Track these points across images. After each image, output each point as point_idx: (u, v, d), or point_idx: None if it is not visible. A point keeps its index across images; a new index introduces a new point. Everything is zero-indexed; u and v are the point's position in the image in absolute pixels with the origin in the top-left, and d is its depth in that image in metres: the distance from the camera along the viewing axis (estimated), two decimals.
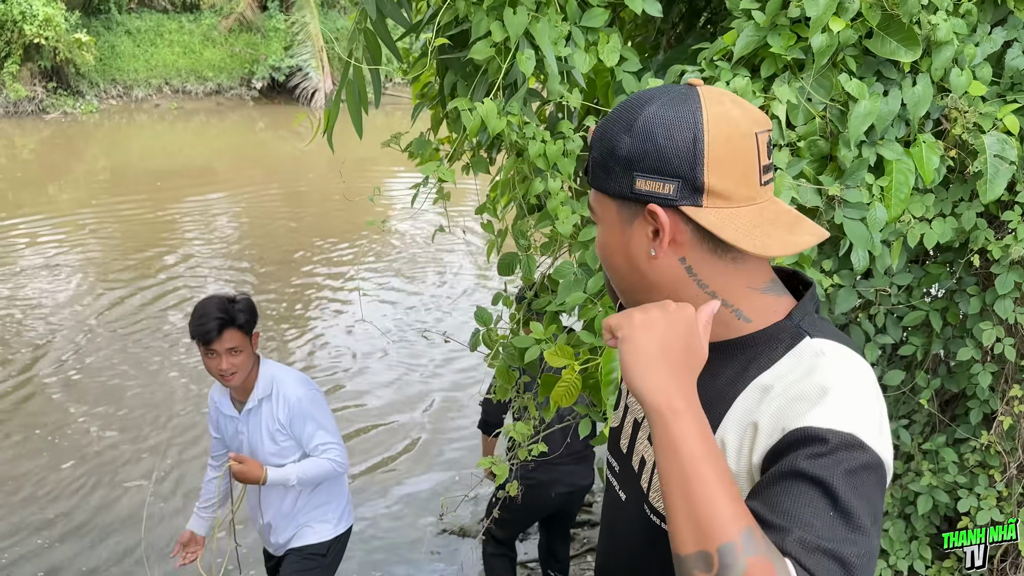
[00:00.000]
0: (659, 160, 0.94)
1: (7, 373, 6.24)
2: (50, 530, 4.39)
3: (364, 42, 2.34)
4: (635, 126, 0.95)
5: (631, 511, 1.11)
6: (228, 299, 2.68)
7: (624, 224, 1.00)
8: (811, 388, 0.92)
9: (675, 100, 0.96)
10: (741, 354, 1.00)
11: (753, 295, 1.01)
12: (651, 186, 0.95)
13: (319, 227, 10.64)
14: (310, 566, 2.88)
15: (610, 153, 0.98)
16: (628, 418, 1.19)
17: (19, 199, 11.93)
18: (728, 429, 0.97)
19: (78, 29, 18.43)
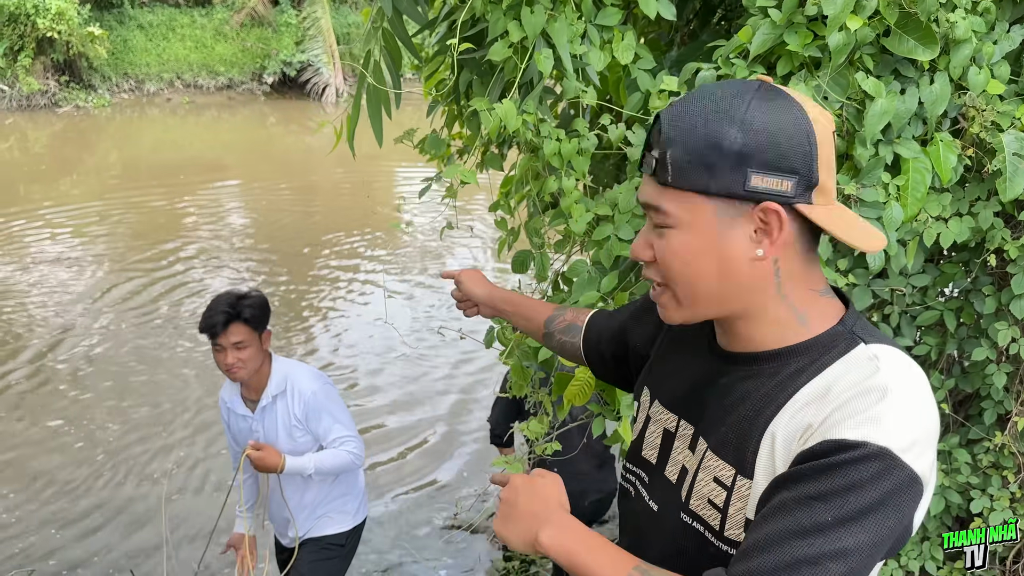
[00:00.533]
0: (779, 155, 0.90)
1: (24, 364, 6.29)
2: (77, 523, 4.42)
3: (382, 41, 2.33)
4: (752, 122, 0.90)
5: (668, 520, 1.10)
6: (238, 295, 2.70)
7: (723, 225, 0.94)
8: (864, 397, 0.89)
9: (770, 94, 0.93)
10: (797, 359, 0.98)
11: (814, 297, 1.00)
12: (769, 183, 0.91)
13: (330, 220, 10.69)
14: (329, 555, 2.93)
15: (713, 147, 0.91)
16: (653, 428, 1.17)
17: (31, 192, 12.02)
18: (778, 427, 0.95)
19: (91, 23, 18.50)
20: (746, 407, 1.00)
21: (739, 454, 0.99)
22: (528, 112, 2.10)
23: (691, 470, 1.08)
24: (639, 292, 2.10)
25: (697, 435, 1.08)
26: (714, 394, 1.07)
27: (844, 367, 0.94)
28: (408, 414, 5.72)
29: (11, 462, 5.01)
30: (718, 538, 1.03)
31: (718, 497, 1.02)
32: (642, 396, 1.23)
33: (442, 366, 6.38)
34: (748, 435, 0.98)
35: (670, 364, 1.20)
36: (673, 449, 1.13)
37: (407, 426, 5.55)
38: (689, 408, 1.11)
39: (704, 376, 1.09)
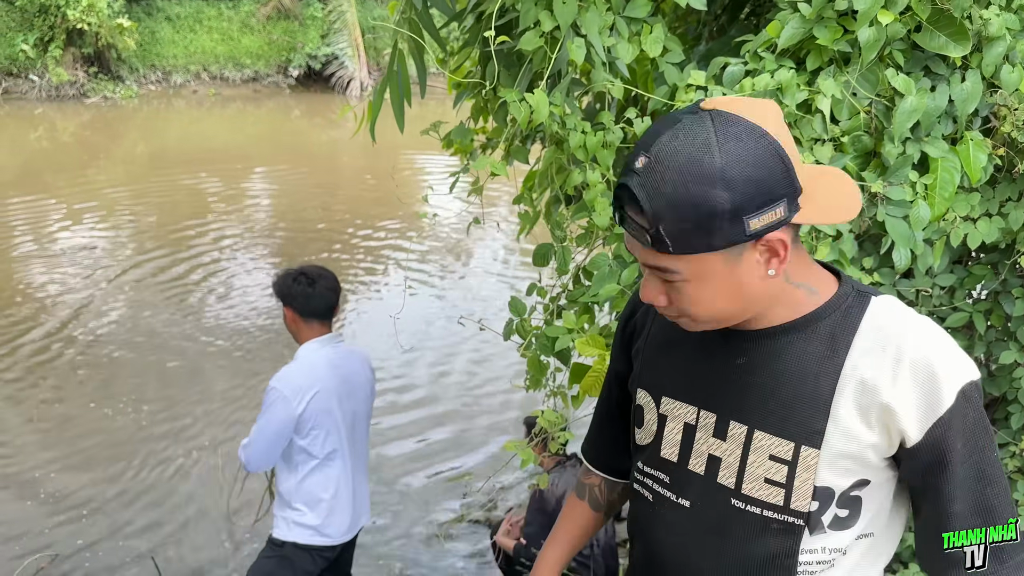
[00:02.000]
0: (764, 193, 0.93)
1: (51, 346, 6.38)
2: (99, 507, 4.48)
3: (409, 32, 2.34)
4: (729, 178, 0.91)
5: (711, 512, 1.12)
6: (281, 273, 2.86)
7: (732, 264, 0.97)
8: (928, 357, 1.00)
9: (729, 134, 0.92)
10: (820, 325, 1.05)
11: (813, 268, 1.08)
12: (766, 219, 0.94)
13: (353, 211, 10.75)
14: (267, 553, 2.93)
15: (707, 214, 0.92)
16: (671, 425, 1.17)
17: (58, 180, 12.16)
18: (846, 390, 1.02)
19: (120, 15, 18.70)
20: (794, 380, 1.04)
21: (799, 427, 1.04)
22: (555, 104, 2.10)
23: (729, 457, 1.10)
24: None
25: (725, 420, 1.10)
26: (737, 375, 1.09)
27: (879, 321, 1.03)
28: (423, 405, 5.73)
29: (31, 445, 5.08)
30: (783, 512, 1.06)
31: (778, 473, 1.05)
32: (639, 399, 1.23)
33: (458, 357, 6.40)
34: (806, 405, 1.03)
35: (668, 359, 1.19)
36: (696, 441, 1.13)
37: (422, 416, 5.57)
38: (705, 395, 1.12)
39: (718, 360, 1.11)
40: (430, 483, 4.84)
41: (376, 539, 4.24)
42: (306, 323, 2.79)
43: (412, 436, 5.34)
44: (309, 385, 2.70)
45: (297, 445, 2.77)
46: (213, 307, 7.48)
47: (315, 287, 2.75)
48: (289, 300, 2.77)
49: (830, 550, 1.07)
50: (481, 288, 8.12)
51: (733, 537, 1.09)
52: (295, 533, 2.84)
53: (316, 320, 2.79)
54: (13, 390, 5.80)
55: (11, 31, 18.19)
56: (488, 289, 8.05)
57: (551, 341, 2.21)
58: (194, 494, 4.61)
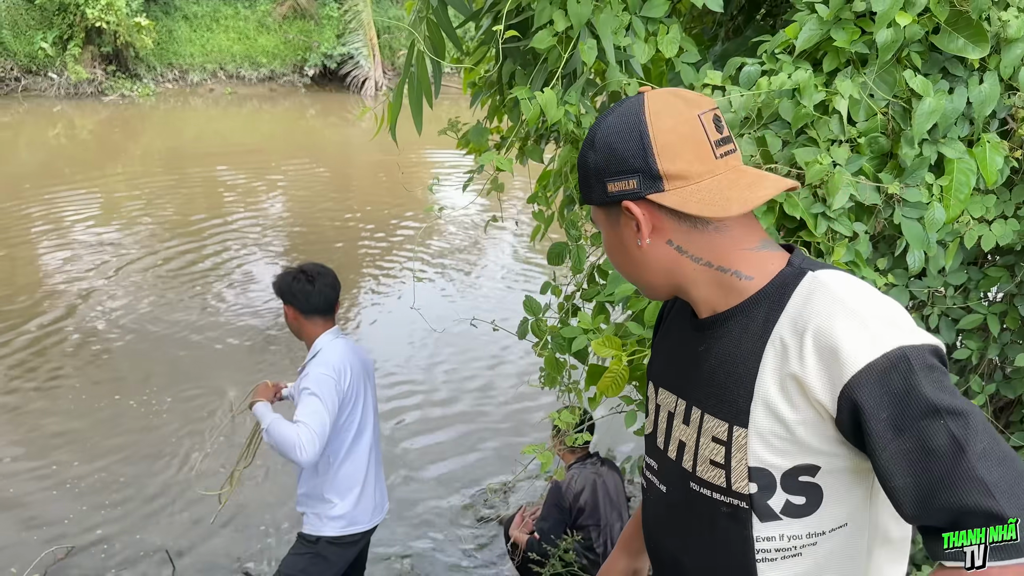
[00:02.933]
0: (618, 162, 1.07)
1: (68, 336, 6.44)
2: (114, 502, 4.53)
3: (426, 32, 2.35)
4: (596, 141, 1.09)
5: (678, 497, 1.18)
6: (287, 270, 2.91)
7: (613, 225, 1.13)
8: (835, 326, 0.98)
9: (625, 108, 1.08)
10: (756, 309, 1.08)
11: (747, 255, 1.09)
12: (619, 186, 1.07)
13: (364, 209, 10.81)
14: (299, 550, 2.95)
15: (585, 170, 1.11)
16: (661, 415, 1.24)
17: (76, 176, 12.28)
18: (766, 368, 1.04)
19: (138, 13, 18.86)
20: (729, 363, 1.09)
21: (731, 407, 1.08)
22: (570, 103, 2.11)
23: (689, 441, 1.15)
24: None
25: (690, 407, 1.16)
26: (696, 363, 1.15)
27: (801, 297, 1.04)
28: (435, 402, 5.76)
29: (49, 437, 5.13)
30: (727, 494, 1.09)
31: (718, 455, 1.10)
32: (649, 389, 1.31)
33: (472, 355, 6.41)
34: (737, 385, 1.07)
35: (664, 350, 1.29)
36: (673, 428, 1.20)
37: (436, 413, 5.59)
38: (680, 383, 1.20)
39: (687, 350, 1.18)
40: (441, 481, 4.86)
41: (386, 535, 4.26)
42: (308, 320, 2.85)
43: (424, 433, 5.36)
44: (345, 368, 2.78)
45: (334, 430, 2.81)
46: (229, 301, 7.56)
47: (315, 285, 2.81)
48: (289, 298, 2.83)
49: (789, 537, 1.07)
50: (494, 287, 8.14)
51: (696, 521, 1.14)
52: (328, 527, 2.89)
53: (318, 316, 2.85)
54: (30, 380, 5.87)
55: (31, 29, 18.37)
56: (501, 288, 8.07)
57: (567, 341, 2.22)
58: (210, 487, 4.65)
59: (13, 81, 18.32)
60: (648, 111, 1.05)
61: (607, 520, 3.36)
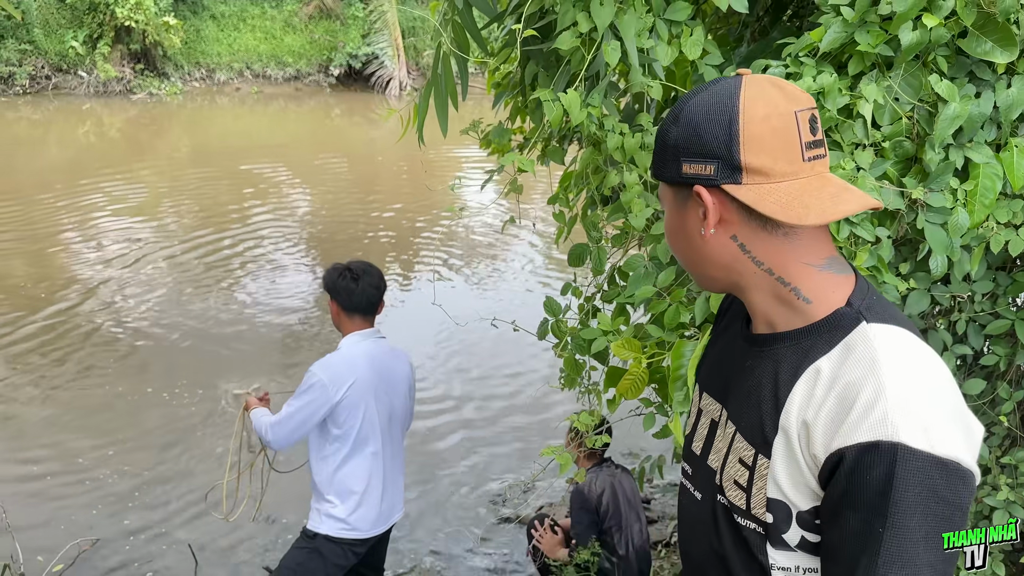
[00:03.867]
0: (700, 144, 1.01)
1: (97, 329, 6.54)
2: (137, 495, 4.59)
3: (451, 33, 2.37)
4: (681, 116, 1.03)
5: (708, 507, 1.15)
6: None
7: (679, 207, 1.08)
8: (860, 390, 0.93)
9: (719, 88, 1.02)
10: (805, 341, 1.03)
11: (810, 272, 1.04)
12: (695, 169, 1.02)
13: (387, 208, 10.88)
14: (299, 544, 2.98)
15: (663, 144, 1.06)
16: (703, 420, 1.21)
17: (103, 172, 12.46)
18: (791, 413, 1.00)
19: (166, 13, 19.07)
20: (765, 389, 1.05)
21: (759, 434, 1.05)
22: (593, 105, 2.11)
23: (724, 453, 1.13)
24: (695, 289, 2.09)
25: (728, 419, 1.13)
26: (740, 377, 1.12)
27: (847, 348, 0.98)
28: (456, 403, 5.77)
29: (77, 429, 5.21)
30: (744, 516, 1.07)
31: (742, 477, 1.07)
32: (695, 391, 1.29)
33: (495, 356, 6.42)
34: (768, 413, 1.04)
35: (714, 354, 1.26)
36: (716, 438, 1.17)
37: (455, 415, 5.61)
38: (725, 394, 1.16)
39: (735, 361, 1.15)
40: (462, 480, 4.87)
41: (407, 533, 4.28)
42: (348, 317, 2.89)
43: (446, 433, 5.38)
44: (348, 375, 2.77)
45: (332, 435, 2.83)
46: (255, 296, 7.67)
47: (359, 283, 2.84)
48: (334, 294, 2.87)
49: (805, 569, 1.04)
50: (515, 287, 8.15)
51: (719, 533, 1.12)
52: (326, 525, 2.90)
53: (359, 315, 2.88)
54: (58, 370, 5.97)
55: (61, 28, 18.66)
56: (522, 289, 8.07)
57: (587, 342, 2.22)
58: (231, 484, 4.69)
59: (44, 79, 18.61)
60: (743, 96, 0.99)
61: (627, 521, 3.38)
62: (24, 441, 5.12)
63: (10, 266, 8.28)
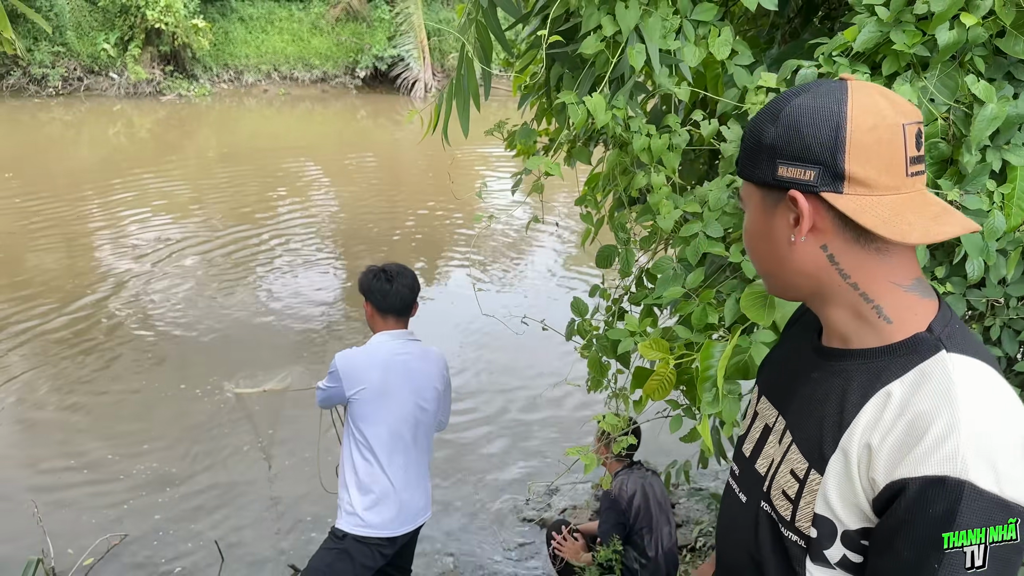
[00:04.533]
0: (801, 147, 0.97)
1: (124, 323, 6.63)
2: (166, 489, 4.65)
3: (475, 34, 2.37)
4: (781, 116, 0.99)
5: (751, 511, 1.14)
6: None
7: (767, 211, 1.04)
8: (932, 421, 0.90)
9: (823, 91, 0.98)
10: (879, 362, 1.00)
11: (896, 292, 1.01)
12: (793, 173, 0.98)
13: (413, 208, 10.93)
14: (328, 545, 2.97)
15: (756, 142, 1.02)
16: (757, 423, 1.20)
17: (133, 172, 12.63)
18: (854, 435, 0.97)
19: (195, 15, 19.30)
20: (829, 406, 1.03)
21: (816, 449, 1.03)
22: (618, 107, 2.10)
23: (776, 461, 1.11)
24: (725, 290, 2.08)
25: (786, 429, 1.11)
26: (805, 388, 1.10)
27: (922, 376, 0.95)
28: (483, 404, 5.78)
29: (110, 426, 5.28)
30: (788, 528, 1.06)
31: (791, 489, 1.06)
32: (753, 393, 1.27)
33: (521, 357, 6.41)
34: (829, 430, 1.01)
35: (778, 359, 1.25)
36: (767, 443, 1.16)
37: (482, 414, 5.61)
38: (785, 402, 1.14)
39: (801, 370, 1.12)
40: (486, 480, 4.88)
41: (430, 532, 4.29)
42: (382, 318, 2.92)
43: (470, 433, 5.38)
44: (362, 378, 2.80)
45: (354, 432, 2.87)
46: (283, 294, 7.75)
47: (393, 284, 2.87)
48: (368, 295, 2.90)
49: None
50: (539, 286, 8.14)
51: (760, 540, 1.12)
52: (345, 521, 2.92)
53: (392, 316, 2.91)
54: (87, 368, 6.05)
55: (93, 30, 18.94)
56: (546, 288, 8.07)
57: (612, 343, 2.21)
58: (259, 482, 4.74)
59: (76, 81, 18.90)
60: (852, 103, 0.96)
61: (657, 524, 3.36)
62: (55, 436, 5.20)
63: (42, 262, 8.43)
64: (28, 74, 18.28)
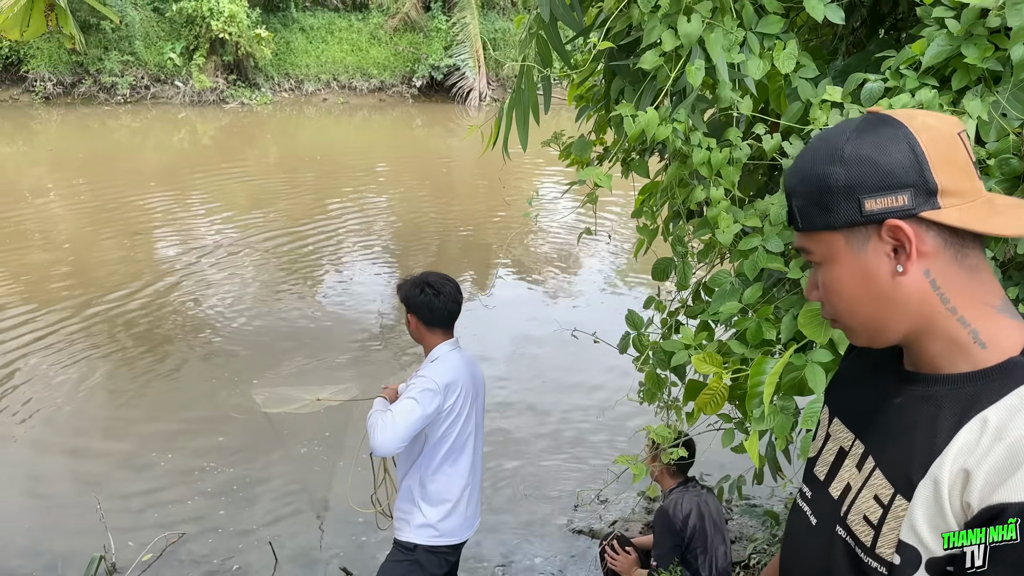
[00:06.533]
0: (883, 175, 0.95)
1: (180, 325, 6.81)
2: (221, 490, 4.75)
3: (535, 48, 2.38)
4: (845, 156, 0.97)
5: (824, 535, 1.12)
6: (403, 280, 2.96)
7: (857, 253, 1.00)
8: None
9: (869, 124, 0.97)
10: (971, 387, 0.97)
11: (989, 313, 0.99)
12: (883, 203, 0.95)
13: (464, 216, 11.04)
14: (397, 558, 2.96)
15: (823, 188, 0.99)
16: (830, 446, 1.17)
17: (195, 175, 13.02)
18: (945, 461, 0.95)
19: (258, 25, 19.76)
20: (918, 432, 1.00)
21: (903, 474, 1.00)
22: (678, 120, 2.09)
23: (855, 487, 1.08)
24: (783, 306, 2.05)
25: (867, 454, 1.08)
26: (889, 414, 1.07)
27: (1013, 404, 0.92)
28: (533, 412, 5.78)
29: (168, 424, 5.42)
30: (868, 554, 1.03)
31: (874, 514, 1.03)
32: (823, 414, 1.24)
33: (571, 367, 6.40)
34: (915, 459, 0.98)
35: (853, 382, 1.20)
36: (842, 467, 1.13)
37: (532, 425, 5.61)
38: (864, 426, 1.11)
39: (882, 395, 1.09)
40: (534, 490, 4.87)
41: (477, 541, 4.30)
42: (429, 331, 2.90)
43: (519, 442, 5.39)
44: (455, 383, 2.80)
45: (428, 442, 2.85)
46: (337, 297, 7.91)
47: (440, 298, 2.85)
48: (414, 308, 2.87)
49: None
50: (591, 296, 8.12)
51: (833, 565, 1.09)
52: (418, 534, 2.90)
53: (439, 328, 2.90)
54: (150, 366, 6.22)
55: (160, 40, 19.53)
56: (596, 299, 8.04)
57: (667, 355, 2.19)
58: (314, 485, 4.81)
59: (143, 89, 19.50)
60: (909, 125, 0.95)
61: (712, 544, 3.31)
62: (117, 433, 5.36)
63: (105, 259, 8.77)
64: (98, 82, 18.93)
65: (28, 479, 4.83)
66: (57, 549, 4.20)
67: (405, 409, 2.66)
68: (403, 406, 2.68)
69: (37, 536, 4.31)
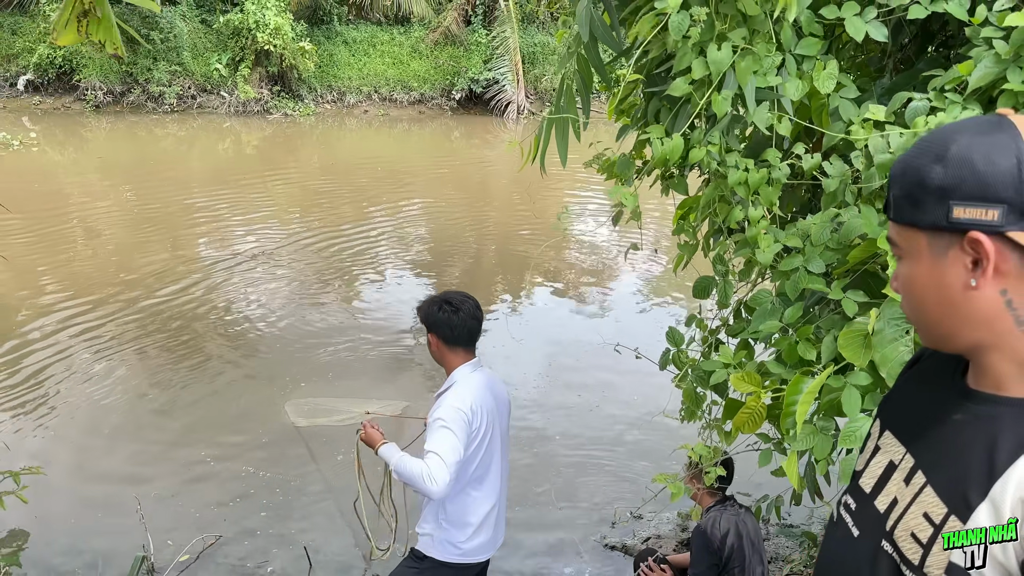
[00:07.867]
0: (980, 186, 0.92)
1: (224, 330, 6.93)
2: (257, 495, 4.82)
3: (576, 66, 2.41)
4: (948, 155, 0.94)
5: (867, 548, 1.10)
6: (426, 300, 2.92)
7: (936, 256, 0.98)
8: None
9: (988, 128, 0.94)
10: None
11: None
12: (972, 213, 0.93)
13: (499, 228, 11.09)
14: (409, 564, 2.96)
15: (918, 185, 0.96)
16: (879, 459, 1.16)
17: (238, 183, 13.30)
18: (1008, 490, 0.93)
19: (302, 38, 20.10)
20: (976, 451, 0.98)
21: (959, 494, 0.98)
22: (713, 143, 2.10)
23: (903, 502, 1.06)
24: (825, 326, 2.04)
25: (916, 468, 1.07)
26: (943, 429, 1.05)
27: None
28: (566, 428, 5.77)
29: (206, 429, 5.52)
30: (914, 571, 1.01)
31: (923, 532, 1.00)
32: (874, 426, 1.22)
33: (607, 382, 6.38)
34: (973, 480, 0.96)
35: (908, 395, 1.19)
36: (890, 480, 1.11)
37: (566, 440, 5.60)
38: (916, 440, 1.10)
39: (939, 410, 1.07)
40: (568, 505, 4.86)
41: (511, 554, 4.30)
42: (450, 350, 2.84)
43: (553, 457, 5.38)
44: (479, 405, 2.76)
45: None
46: (370, 309, 7.98)
47: (459, 315, 2.80)
48: (434, 327, 2.83)
49: None
50: (630, 310, 8.09)
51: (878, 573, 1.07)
52: (436, 550, 2.88)
53: (460, 347, 2.84)
54: (195, 371, 6.34)
55: (207, 51, 19.96)
56: (638, 313, 8.01)
57: (707, 374, 2.19)
58: (349, 492, 4.85)
59: (190, 98, 19.92)
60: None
61: (750, 564, 3.28)
62: (157, 434, 5.46)
63: (149, 260, 9.02)
64: (147, 92, 19.39)
65: (71, 477, 4.95)
66: (97, 547, 4.29)
67: (448, 445, 2.62)
68: (444, 442, 2.62)
69: (79, 534, 4.42)
